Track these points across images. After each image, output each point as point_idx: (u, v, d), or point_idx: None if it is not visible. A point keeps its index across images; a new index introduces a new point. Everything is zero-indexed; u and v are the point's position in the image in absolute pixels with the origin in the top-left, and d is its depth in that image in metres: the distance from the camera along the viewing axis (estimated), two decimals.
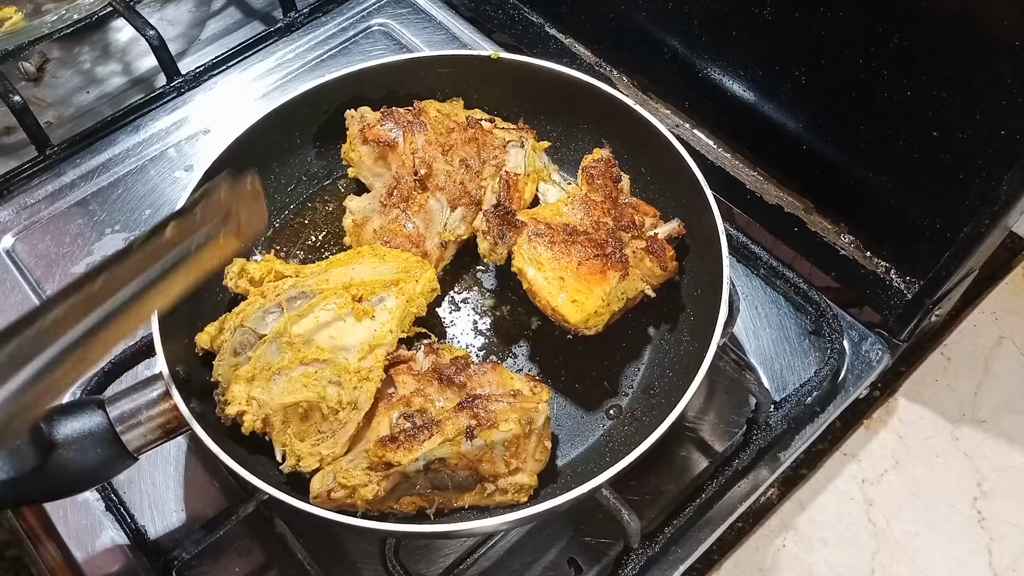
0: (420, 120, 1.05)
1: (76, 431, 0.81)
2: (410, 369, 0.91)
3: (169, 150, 1.30)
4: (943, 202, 0.97)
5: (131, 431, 0.83)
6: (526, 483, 0.88)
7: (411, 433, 0.83)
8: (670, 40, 1.18)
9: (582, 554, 0.95)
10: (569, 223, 0.97)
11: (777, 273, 1.13)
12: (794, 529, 1.00)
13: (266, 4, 1.52)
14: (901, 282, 1.06)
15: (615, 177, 1.02)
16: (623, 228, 0.98)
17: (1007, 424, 1.06)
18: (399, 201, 1.03)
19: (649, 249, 0.97)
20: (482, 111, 1.14)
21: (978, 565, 0.97)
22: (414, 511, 0.88)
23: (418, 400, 0.88)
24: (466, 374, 0.89)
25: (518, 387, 0.89)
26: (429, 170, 1.03)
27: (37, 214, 1.23)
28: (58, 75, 1.45)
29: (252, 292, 0.95)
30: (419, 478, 0.86)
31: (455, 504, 0.88)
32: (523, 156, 1.05)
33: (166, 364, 0.86)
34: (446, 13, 1.45)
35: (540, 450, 0.89)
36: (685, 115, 1.23)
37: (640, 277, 0.98)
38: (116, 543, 0.95)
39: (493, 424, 0.84)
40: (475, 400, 0.86)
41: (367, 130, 1.05)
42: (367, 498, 0.84)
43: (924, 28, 0.89)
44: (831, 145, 1.06)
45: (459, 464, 0.86)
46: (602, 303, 0.93)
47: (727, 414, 1.04)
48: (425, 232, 1.02)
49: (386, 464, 0.83)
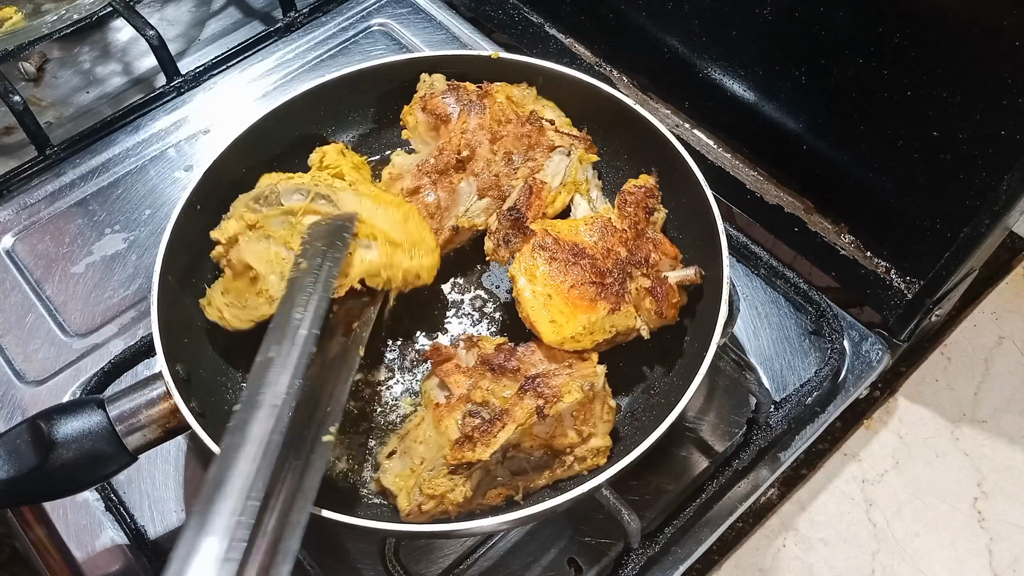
0: (482, 102, 1.05)
1: (76, 430, 0.81)
2: (458, 367, 0.91)
3: (169, 150, 1.30)
4: (943, 202, 0.97)
5: (131, 431, 0.83)
6: (601, 445, 0.89)
7: (484, 428, 0.84)
8: (670, 40, 1.18)
9: (582, 554, 0.95)
10: (580, 243, 0.95)
11: (777, 273, 1.13)
12: (794, 529, 1.00)
13: (266, 4, 1.52)
14: (901, 282, 1.06)
15: (648, 208, 0.99)
16: (634, 263, 0.95)
17: (1007, 424, 1.06)
18: (433, 172, 1.03)
19: (651, 290, 0.94)
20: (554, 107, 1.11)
21: (978, 565, 0.97)
22: (503, 502, 0.88)
23: (478, 394, 0.88)
24: (516, 358, 0.90)
25: (567, 358, 0.90)
26: (472, 153, 1.03)
27: (37, 214, 1.23)
28: (58, 75, 1.45)
29: (312, 171, 1.00)
30: (499, 469, 0.87)
31: (538, 484, 0.89)
32: (564, 165, 1.03)
33: (166, 364, 0.86)
34: (446, 13, 1.45)
35: (606, 410, 0.90)
36: (685, 115, 1.23)
37: (636, 315, 0.95)
38: (116, 543, 0.96)
39: (559, 397, 0.85)
40: (535, 380, 0.87)
41: (429, 99, 1.05)
42: (457, 501, 0.84)
43: (924, 28, 0.89)
44: (831, 145, 1.06)
45: (534, 445, 0.87)
46: (582, 331, 0.91)
47: (727, 414, 1.04)
48: (444, 211, 1.02)
49: (467, 464, 0.83)
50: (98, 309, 1.14)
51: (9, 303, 1.14)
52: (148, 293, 1.15)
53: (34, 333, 1.11)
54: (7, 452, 0.79)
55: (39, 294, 1.15)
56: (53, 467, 0.79)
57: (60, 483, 0.82)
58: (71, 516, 0.97)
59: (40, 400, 1.06)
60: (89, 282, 1.16)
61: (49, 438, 0.79)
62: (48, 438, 0.79)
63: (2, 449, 0.79)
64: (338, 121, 1.14)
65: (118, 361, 1.04)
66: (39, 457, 0.79)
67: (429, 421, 0.89)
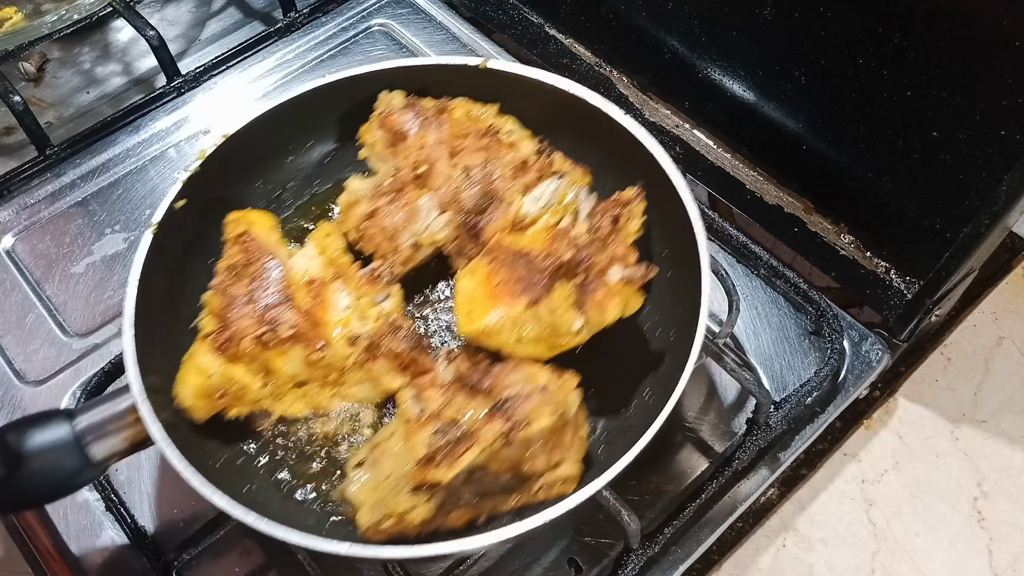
0: (441, 118, 1.04)
1: (41, 442, 0.80)
2: (434, 383, 0.89)
3: (169, 150, 1.30)
4: (943, 202, 0.97)
5: (96, 443, 0.82)
6: (571, 474, 0.86)
7: (448, 449, 0.81)
8: (670, 40, 1.18)
9: (582, 554, 0.95)
10: (527, 248, 0.93)
11: (777, 273, 1.13)
12: (794, 529, 1.00)
13: (266, 4, 1.52)
14: (901, 282, 1.06)
15: (614, 217, 0.95)
16: (575, 264, 0.90)
17: (1007, 424, 1.06)
18: (391, 191, 1.01)
19: (580, 286, 0.89)
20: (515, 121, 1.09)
21: (978, 565, 0.97)
22: (465, 524, 0.86)
23: (449, 412, 0.86)
24: (491, 377, 0.88)
25: (544, 381, 0.88)
26: (430, 169, 1.02)
27: (37, 214, 1.23)
28: (58, 75, 1.45)
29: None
30: (464, 490, 0.84)
31: (503, 508, 0.87)
32: (551, 189, 1.00)
33: (138, 374, 0.85)
34: (446, 13, 1.45)
35: (578, 438, 0.88)
36: (685, 115, 1.23)
37: (565, 312, 0.89)
38: (116, 543, 0.96)
39: (528, 423, 0.83)
40: (505, 402, 0.84)
41: (386, 116, 1.04)
42: (416, 522, 0.82)
43: (924, 28, 0.89)
44: (831, 145, 1.06)
45: (501, 468, 0.84)
46: (499, 322, 0.88)
47: (727, 414, 1.04)
48: (403, 228, 1.00)
49: (430, 484, 0.81)
50: (98, 309, 1.14)
51: (9, 303, 1.14)
52: None
53: (34, 333, 1.11)
54: None
55: (39, 294, 1.15)
56: (18, 479, 0.79)
57: (26, 495, 0.82)
58: (71, 516, 0.97)
59: (40, 400, 1.06)
60: (89, 282, 1.16)
61: (15, 450, 0.79)
62: (14, 450, 0.79)
63: None
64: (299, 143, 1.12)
65: (118, 361, 1.03)
66: (4, 469, 0.79)
67: (399, 435, 0.87)
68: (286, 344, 0.89)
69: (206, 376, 0.87)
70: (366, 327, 0.93)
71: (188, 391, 0.87)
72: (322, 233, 1.01)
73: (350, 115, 1.10)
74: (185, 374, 0.88)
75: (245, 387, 0.89)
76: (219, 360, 0.87)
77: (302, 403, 0.93)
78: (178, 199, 0.97)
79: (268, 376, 0.90)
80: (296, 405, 0.93)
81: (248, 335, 0.88)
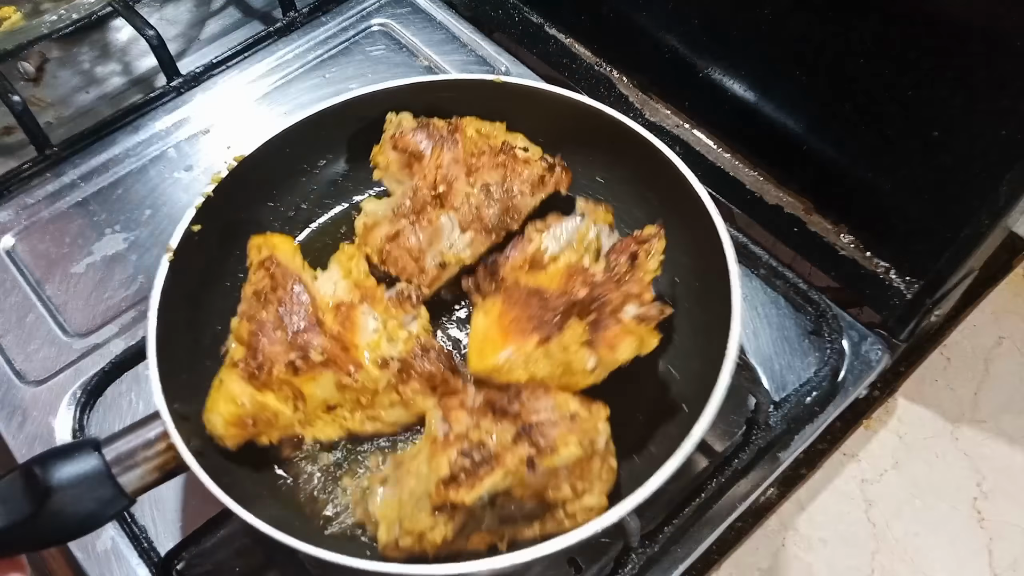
0: (454, 137, 1.04)
1: (71, 475, 0.78)
2: (463, 404, 0.88)
3: (169, 150, 1.30)
4: (943, 202, 0.97)
5: (127, 472, 0.80)
6: (595, 505, 0.84)
7: (471, 471, 0.81)
8: (670, 40, 1.18)
9: (582, 554, 0.95)
10: (542, 286, 0.93)
11: (777, 273, 1.13)
12: (794, 529, 1.00)
13: (265, 4, 1.52)
14: (901, 282, 1.06)
15: (632, 254, 0.93)
16: (590, 302, 0.89)
17: (1007, 424, 1.06)
18: (411, 212, 1.02)
19: (592, 324, 0.88)
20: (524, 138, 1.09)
21: (978, 565, 0.97)
22: (485, 548, 0.85)
23: (475, 435, 0.85)
24: (519, 402, 0.86)
25: (574, 409, 0.86)
26: (448, 188, 1.01)
27: (37, 214, 1.23)
28: (57, 75, 1.45)
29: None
30: (486, 514, 0.83)
31: (526, 535, 0.85)
32: (572, 226, 0.99)
33: (165, 402, 0.83)
34: (446, 13, 1.45)
35: (606, 470, 0.86)
36: (685, 115, 1.23)
37: (577, 351, 0.88)
38: (116, 543, 0.96)
39: (554, 450, 0.81)
40: (532, 428, 0.83)
41: (399, 137, 1.04)
42: (436, 542, 0.81)
43: (924, 28, 0.89)
44: (831, 145, 1.06)
45: (525, 495, 0.83)
46: (509, 361, 0.87)
47: (727, 414, 1.04)
48: (427, 248, 1.00)
49: (451, 505, 0.81)
50: (98, 309, 1.14)
51: (9, 303, 1.14)
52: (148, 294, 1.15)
53: (34, 333, 1.11)
54: (1, 501, 0.76)
55: (39, 294, 1.15)
56: (48, 514, 0.76)
57: (55, 531, 0.79)
58: None
59: (40, 400, 1.06)
60: (89, 282, 1.16)
61: (44, 484, 0.76)
62: (43, 484, 0.76)
63: None
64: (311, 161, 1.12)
65: (118, 361, 1.04)
66: (34, 505, 0.76)
67: (425, 454, 0.86)
68: (317, 370, 0.88)
69: (237, 404, 0.86)
70: (396, 349, 0.92)
71: (219, 420, 0.86)
72: (345, 256, 1.00)
73: (360, 135, 1.10)
74: (215, 402, 0.87)
75: (277, 414, 0.88)
76: (249, 388, 0.87)
77: (333, 427, 0.92)
78: (194, 223, 0.97)
79: (299, 401, 0.89)
80: (328, 429, 0.92)
81: (279, 362, 0.87)
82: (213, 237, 0.99)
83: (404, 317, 0.95)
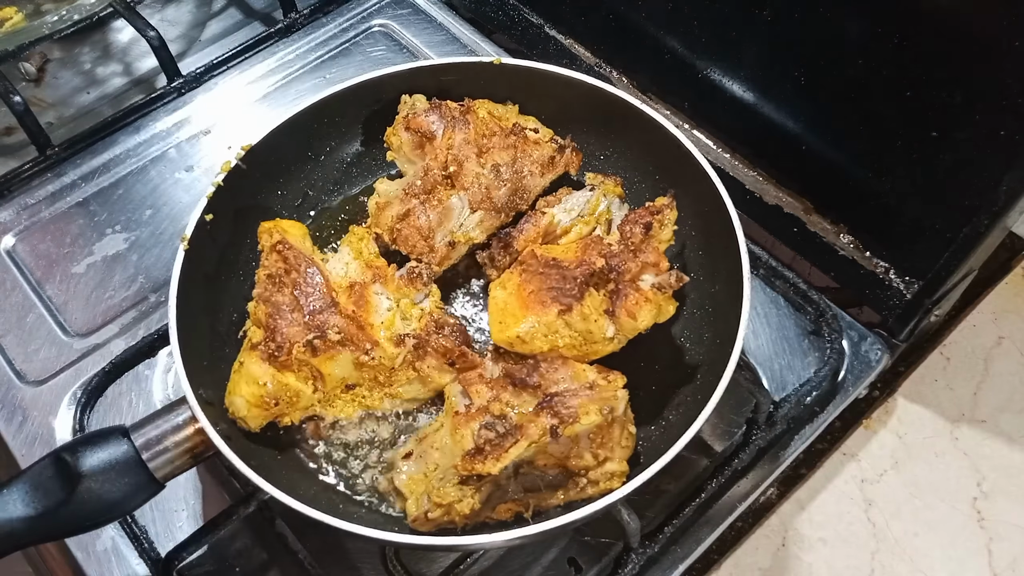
0: (465, 118, 1.05)
1: (102, 461, 0.79)
2: (481, 378, 0.90)
3: (170, 151, 1.30)
4: (943, 202, 0.97)
5: (157, 458, 0.81)
6: (617, 470, 0.87)
7: (496, 442, 0.83)
8: (670, 40, 1.18)
9: (582, 554, 0.95)
10: (559, 258, 0.95)
11: (777, 273, 1.13)
12: (794, 529, 1.00)
13: (266, 5, 1.52)
14: (901, 282, 1.06)
15: (646, 224, 0.94)
16: (607, 272, 0.91)
17: (1007, 424, 1.06)
18: (422, 192, 1.03)
19: (612, 293, 0.90)
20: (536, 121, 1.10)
21: (978, 565, 0.97)
22: (511, 518, 0.87)
23: (497, 407, 0.87)
24: (538, 374, 0.89)
25: (592, 378, 0.88)
26: (459, 168, 1.03)
27: (38, 214, 1.23)
28: (59, 76, 1.45)
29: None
30: (511, 484, 0.85)
31: (550, 503, 0.87)
32: (584, 200, 1.01)
33: (190, 388, 0.84)
34: (446, 14, 1.45)
35: (625, 436, 0.88)
36: (685, 115, 1.23)
37: (597, 319, 0.89)
38: (116, 543, 0.96)
39: (575, 419, 0.83)
40: (553, 398, 0.85)
41: (412, 118, 1.05)
42: (464, 512, 0.83)
43: (924, 28, 0.89)
44: (831, 145, 1.06)
45: (548, 464, 0.85)
46: (531, 331, 0.89)
47: (727, 414, 1.04)
48: (437, 228, 1.02)
49: (477, 476, 0.82)
50: (99, 309, 1.14)
51: (10, 303, 1.14)
52: (148, 294, 1.15)
53: (35, 333, 1.12)
54: (32, 488, 0.76)
55: (40, 294, 1.15)
56: (80, 500, 0.77)
57: (87, 516, 0.79)
58: None
59: (40, 400, 1.06)
60: (90, 282, 1.17)
61: (76, 471, 0.77)
62: (75, 471, 0.77)
63: (26, 485, 0.76)
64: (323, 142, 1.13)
65: (119, 361, 1.04)
66: (66, 492, 0.76)
67: (447, 428, 0.88)
68: (335, 349, 0.89)
69: (259, 385, 0.87)
70: (411, 326, 0.94)
71: (242, 402, 0.87)
72: (355, 237, 1.01)
73: (374, 118, 1.11)
74: (237, 384, 0.88)
75: (298, 393, 0.89)
76: (270, 369, 0.88)
77: (352, 406, 0.94)
78: (206, 212, 0.97)
79: (318, 381, 0.91)
80: (347, 408, 0.94)
81: (297, 342, 0.88)
82: (226, 225, 1.00)
83: (415, 295, 0.96)
